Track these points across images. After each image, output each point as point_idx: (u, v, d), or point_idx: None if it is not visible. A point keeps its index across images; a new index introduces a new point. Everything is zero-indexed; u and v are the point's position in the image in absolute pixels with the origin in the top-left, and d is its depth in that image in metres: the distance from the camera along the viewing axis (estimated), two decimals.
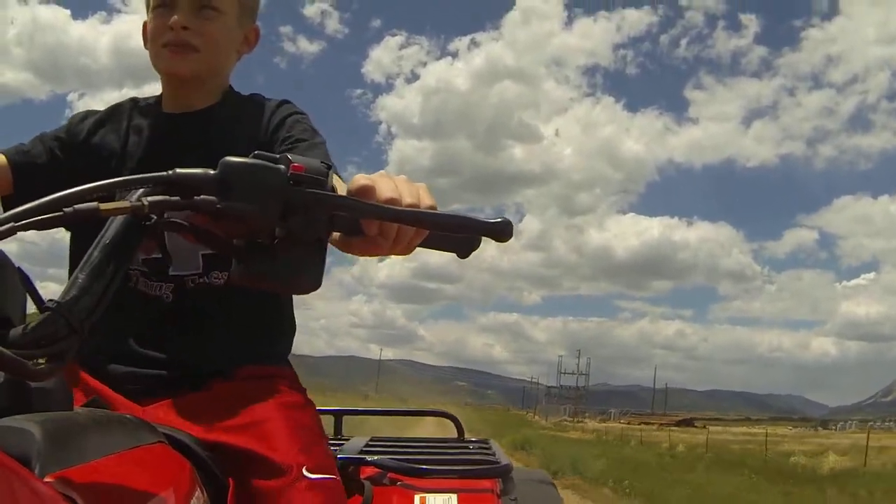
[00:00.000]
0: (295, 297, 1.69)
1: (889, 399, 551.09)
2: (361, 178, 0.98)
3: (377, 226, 0.96)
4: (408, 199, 0.97)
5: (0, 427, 0.73)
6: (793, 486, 15.82)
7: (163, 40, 1.55)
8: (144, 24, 1.61)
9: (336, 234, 1.00)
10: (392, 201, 0.95)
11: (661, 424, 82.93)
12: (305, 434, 1.40)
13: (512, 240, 0.90)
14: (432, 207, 0.99)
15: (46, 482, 0.69)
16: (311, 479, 1.29)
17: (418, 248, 1.02)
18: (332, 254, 1.01)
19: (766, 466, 20.38)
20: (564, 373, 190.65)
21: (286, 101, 1.66)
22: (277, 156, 0.92)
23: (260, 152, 0.91)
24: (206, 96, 1.64)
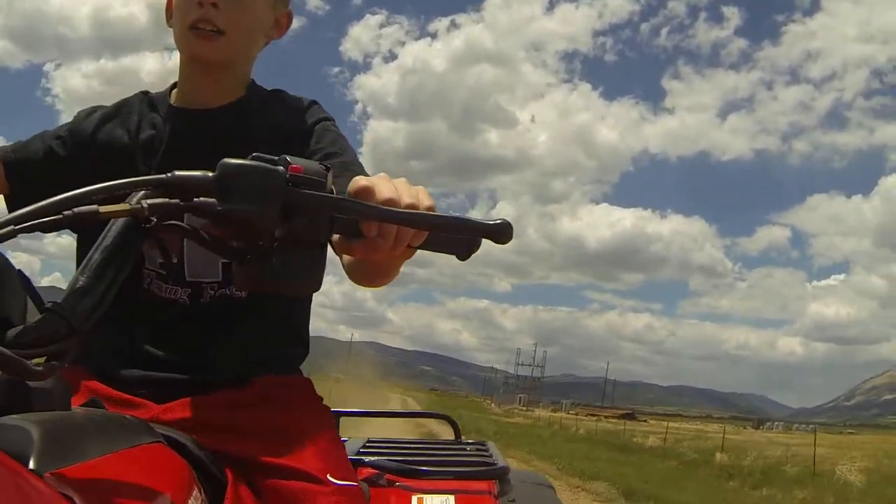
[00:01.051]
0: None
1: (851, 403, 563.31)
2: (361, 180, 0.98)
3: (376, 227, 0.97)
4: (407, 199, 0.97)
5: None
6: (611, 452, 24.71)
7: (189, 20, 1.47)
8: (174, 7, 1.52)
9: (336, 237, 1.01)
10: (391, 202, 0.95)
11: (605, 416, 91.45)
12: (326, 443, 1.40)
13: None
14: (431, 209, 1.00)
15: (44, 480, 0.69)
16: (337, 485, 1.30)
17: (418, 251, 1.04)
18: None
19: (615, 443, 30.07)
20: (521, 364, 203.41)
21: (314, 103, 1.61)
22: (276, 157, 0.92)
23: (258, 154, 0.91)
24: (230, 88, 1.58)
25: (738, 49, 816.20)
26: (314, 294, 1.06)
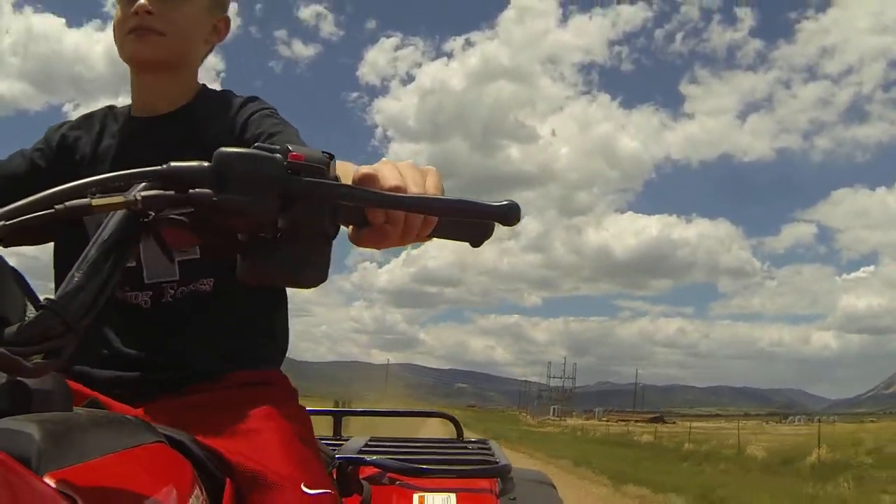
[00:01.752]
0: (291, 304, 1.65)
1: (890, 391, 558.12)
2: (365, 168, 0.95)
3: (383, 214, 0.94)
4: (413, 186, 0.95)
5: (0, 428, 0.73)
6: (605, 446, 30.07)
7: (127, 27, 1.52)
8: (114, 24, 1.58)
9: (349, 227, 0.98)
10: (397, 189, 0.93)
11: (635, 421, 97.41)
12: (300, 446, 1.37)
13: (511, 242, 3.17)
14: (439, 193, 0.97)
15: (46, 481, 0.69)
16: (309, 495, 1.27)
17: (433, 240, 1.02)
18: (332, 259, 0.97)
19: (618, 441, 36.18)
20: (553, 377, 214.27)
21: (253, 98, 1.61)
22: (276, 146, 0.89)
23: (259, 143, 0.89)
24: (176, 93, 1.61)
25: (753, 50, 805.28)
26: (317, 287, 0.96)
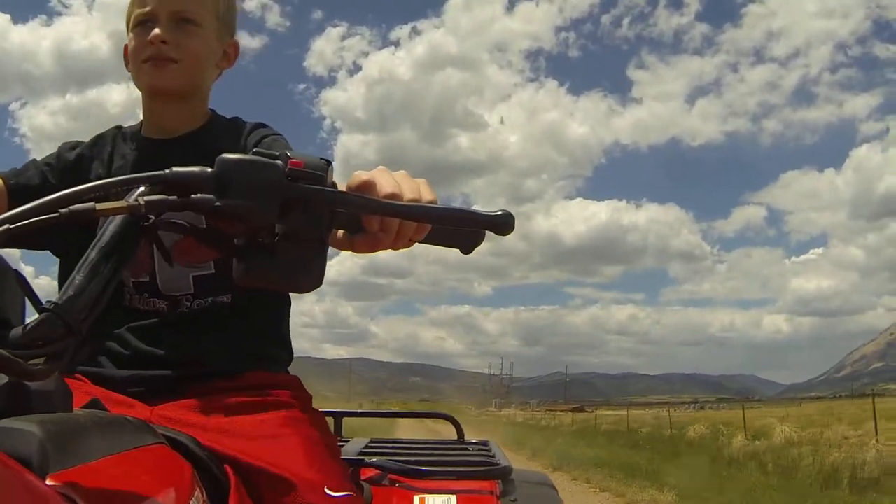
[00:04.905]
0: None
1: (842, 374, 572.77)
2: (361, 175, 1.00)
3: (378, 221, 0.99)
4: (408, 194, 0.99)
5: (0, 428, 0.74)
6: (529, 431, 34.86)
7: (143, 56, 1.60)
8: (125, 47, 1.66)
9: (339, 232, 1.04)
10: (393, 196, 0.97)
11: (560, 410, 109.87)
12: (321, 450, 1.43)
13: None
14: (433, 202, 1.01)
15: (47, 483, 0.70)
16: (333, 497, 1.32)
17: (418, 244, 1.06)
18: None
19: (533, 424, 47.45)
20: (492, 374, 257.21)
21: (262, 125, 1.71)
22: (276, 153, 0.93)
23: (259, 149, 0.92)
24: (189, 118, 1.70)
25: (700, 34, 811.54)
26: (315, 291, 1.00)
